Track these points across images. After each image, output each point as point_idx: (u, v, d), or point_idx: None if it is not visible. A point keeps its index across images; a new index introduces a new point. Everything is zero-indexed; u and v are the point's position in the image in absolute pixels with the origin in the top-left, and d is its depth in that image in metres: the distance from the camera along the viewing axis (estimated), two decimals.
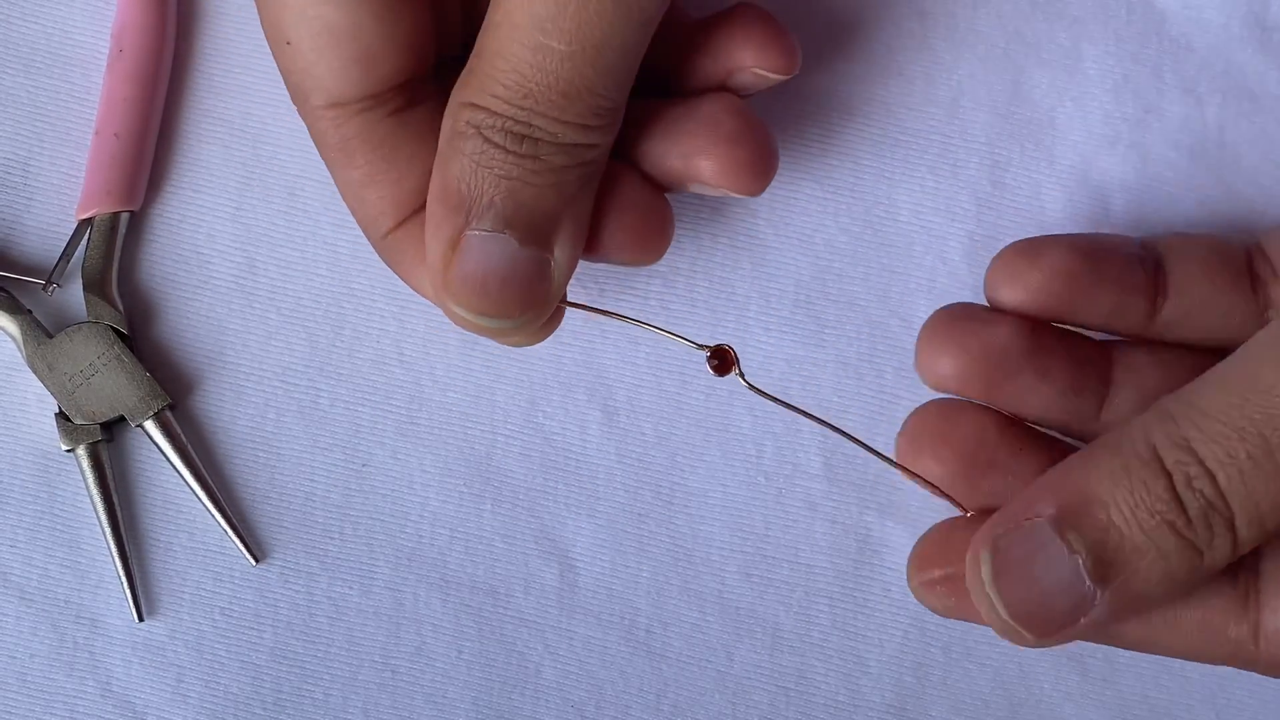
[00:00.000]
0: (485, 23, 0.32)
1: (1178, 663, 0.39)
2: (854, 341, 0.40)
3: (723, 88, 0.36)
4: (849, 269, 0.40)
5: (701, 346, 0.35)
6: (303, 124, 0.41)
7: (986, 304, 0.35)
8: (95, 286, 0.39)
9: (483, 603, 0.39)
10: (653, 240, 0.35)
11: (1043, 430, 0.35)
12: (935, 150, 0.40)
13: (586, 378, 0.39)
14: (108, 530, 0.38)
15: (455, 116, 0.32)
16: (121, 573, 0.38)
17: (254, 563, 0.39)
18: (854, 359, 0.40)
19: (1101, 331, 0.35)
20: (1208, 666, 0.39)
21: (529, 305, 0.33)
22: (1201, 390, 0.30)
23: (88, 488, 0.38)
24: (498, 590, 0.39)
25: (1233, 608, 0.32)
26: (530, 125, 0.31)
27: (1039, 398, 0.34)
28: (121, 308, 0.39)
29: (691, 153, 0.35)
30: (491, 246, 0.32)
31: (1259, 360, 0.30)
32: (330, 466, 0.39)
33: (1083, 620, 0.30)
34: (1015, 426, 0.35)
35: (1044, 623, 0.31)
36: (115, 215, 0.39)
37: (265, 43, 0.41)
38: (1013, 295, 0.34)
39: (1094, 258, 0.34)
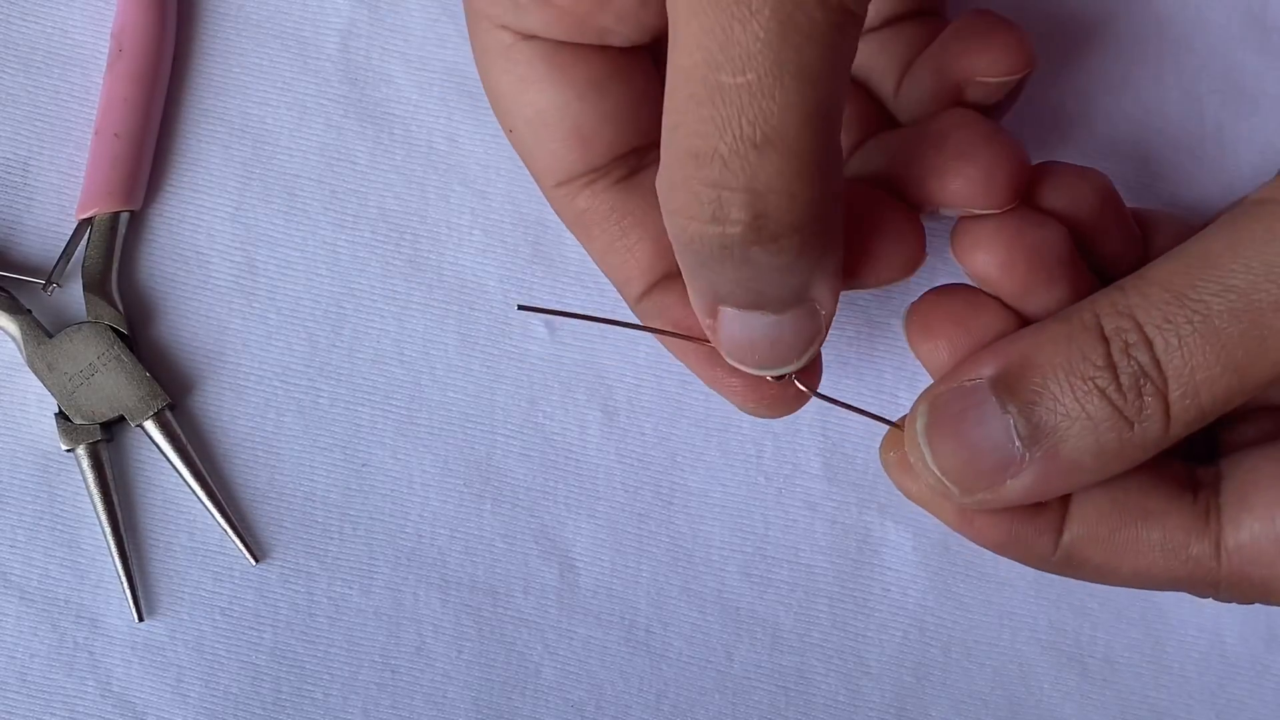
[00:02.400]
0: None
1: (1178, 663, 0.39)
2: (853, 341, 0.40)
3: (960, 103, 0.34)
4: None
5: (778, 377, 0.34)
6: (303, 123, 0.41)
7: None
8: (95, 286, 0.39)
9: (482, 602, 0.39)
10: (913, 261, 0.33)
11: None
12: None
13: (586, 378, 0.39)
14: (108, 530, 0.38)
15: (663, 210, 0.29)
16: (121, 572, 0.38)
17: (254, 562, 0.39)
18: (854, 359, 0.40)
19: None
20: (1208, 666, 0.39)
21: (808, 350, 0.31)
22: (1155, 264, 0.30)
23: (88, 488, 0.38)
24: (498, 590, 0.39)
25: (1193, 524, 0.31)
26: (763, 216, 0.28)
27: None
28: (121, 308, 0.39)
29: (932, 175, 0.32)
30: (749, 320, 0.30)
31: (1211, 236, 0.29)
32: (330, 466, 0.39)
33: (1010, 481, 0.30)
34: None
35: (970, 478, 0.30)
36: (115, 215, 0.39)
37: (265, 42, 0.41)
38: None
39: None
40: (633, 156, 0.34)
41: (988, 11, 0.34)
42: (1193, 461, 0.32)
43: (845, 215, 0.30)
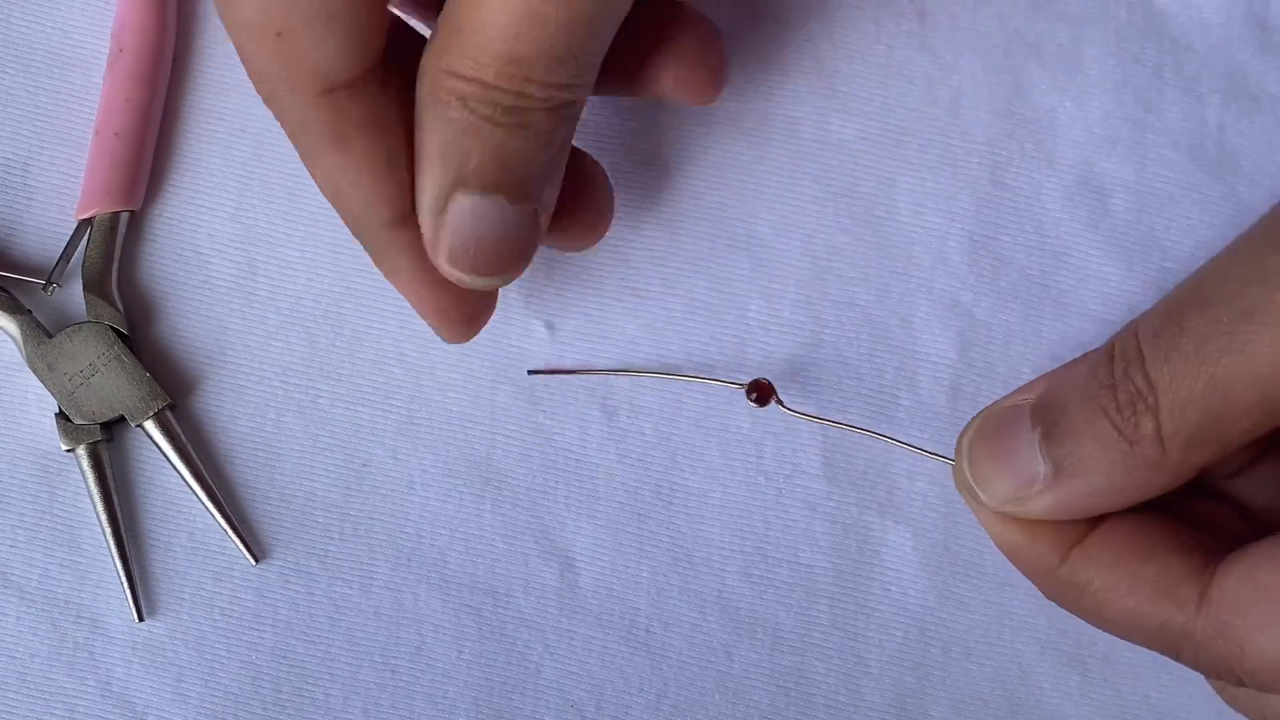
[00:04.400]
0: None
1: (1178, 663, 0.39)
2: (854, 342, 0.40)
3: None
4: (849, 269, 0.40)
5: (739, 384, 0.37)
6: None
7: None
8: (95, 286, 0.39)
9: (483, 603, 0.39)
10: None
11: None
12: (935, 150, 0.40)
13: (587, 378, 0.39)
14: (108, 530, 0.38)
15: (436, 84, 0.31)
16: (121, 572, 0.38)
17: (254, 562, 0.39)
18: (854, 359, 0.40)
19: None
20: None
21: (524, 259, 0.33)
22: (1174, 289, 0.31)
23: (88, 488, 0.38)
24: (498, 590, 0.39)
25: (1189, 572, 0.31)
26: (520, 95, 0.31)
27: None
28: (121, 308, 0.39)
29: (648, 69, 0.35)
30: (483, 210, 0.32)
31: (1210, 260, 0.31)
32: (330, 466, 0.39)
33: (1034, 498, 0.32)
34: None
35: (998, 490, 0.32)
36: (115, 215, 0.39)
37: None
38: None
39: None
40: (383, 67, 0.33)
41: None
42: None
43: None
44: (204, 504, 0.38)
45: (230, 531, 0.38)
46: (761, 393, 0.38)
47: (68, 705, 0.38)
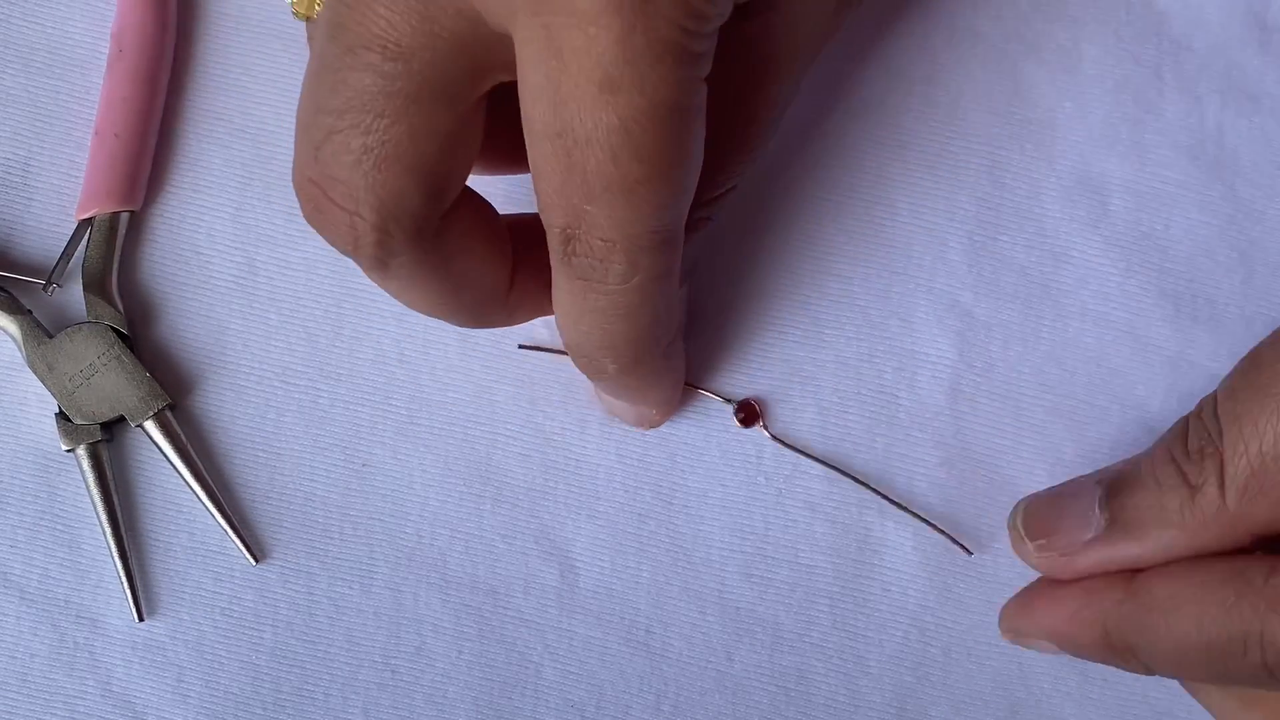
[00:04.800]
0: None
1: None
2: (853, 341, 0.40)
3: None
4: (848, 269, 0.40)
5: (728, 400, 0.38)
6: None
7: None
8: (95, 286, 0.39)
9: (483, 603, 0.39)
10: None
11: None
12: (935, 150, 0.40)
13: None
14: (108, 530, 0.38)
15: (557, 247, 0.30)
16: (121, 572, 0.38)
17: (254, 562, 0.39)
18: (853, 359, 0.40)
19: None
20: None
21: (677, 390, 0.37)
22: None
23: (88, 488, 0.38)
24: (498, 590, 0.39)
25: (1248, 565, 0.31)
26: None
27: None
28: (121, 308, 0.39)
29: None
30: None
31: None
32: (330, 466, 0.39)
33: (1084, 548, 0.33)
34: None
35: (1049, 539, 0.34)
36: (115, 215, 0.39)
37: (265, 42, 0.41)
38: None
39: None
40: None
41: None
42: None
43: None
44: (204, 504, 0.38)
45: (230, 531, 0.38)
46: (748, 414, 0.38)
47: (68, 705, 0.38)
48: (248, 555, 0.38)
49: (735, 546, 0.39)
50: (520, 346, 0.39)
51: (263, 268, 0.40)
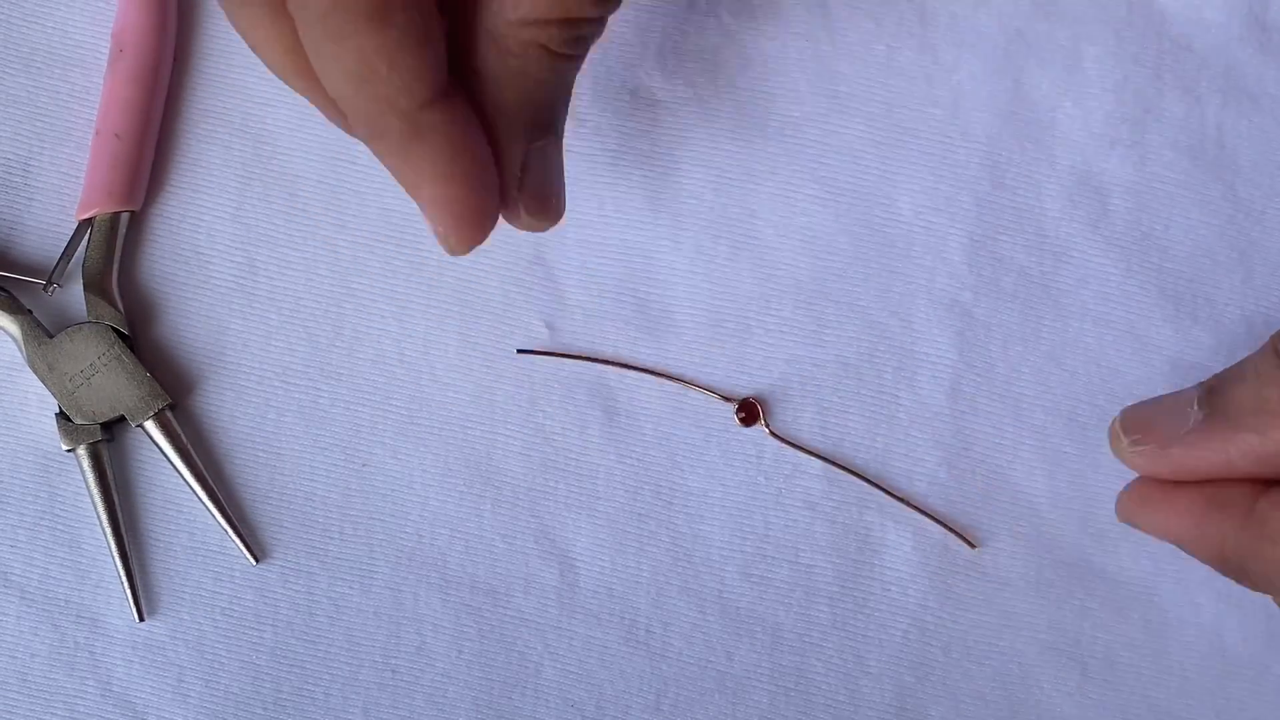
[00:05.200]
0: None
1: (1178, 663, 0.39)
2: (854, 341, 0.40)
3: None
4: (849, 269, 0.40)
5: (729, 399, 0.38)
6: (304, 123, 0.41)
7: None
8: (95, 286, 0.39)
9: (483, 602, 0.39)
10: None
11: None
12: (935, 150, 0.40)
13: (587, 377, 0.39)
14: (108, 530, 0.38)
15: (510, 36, 0.32)
16: (122, 572, 0.38)
17: (254, 562, 0.39)
18: (854, 358, 0.40)
19: None
20: (1208, 666, 0.39)
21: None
22: None
23: (88, 487, 0.38)
24: (498, 590, 0.39)
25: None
26: (580, 24, 0.32)
27: None
28: (122, 308, 0.39)
29: None
30: (553, 153, 0.34)
31: None
32: (330, 466, 0.39)
33: (1180, 434, 0.34)
34: None
35: (1149, 433, 0.34)
36: (115, 215, 0.39)
37: None
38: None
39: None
40: None
41: None
42: None
43: None
44: (204, 504, 0.38)
45: (230, 531, 0.38)
46: (750, 413, 0.38)
47: (68, 705, 0.38)
48: (248, 555, 0.38)
49: (735, 546, 0.39)
50: (519, 351, 0.39)
51: (263, 268, 0.40)
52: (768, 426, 0.38)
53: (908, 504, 0.38)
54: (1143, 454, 0.35)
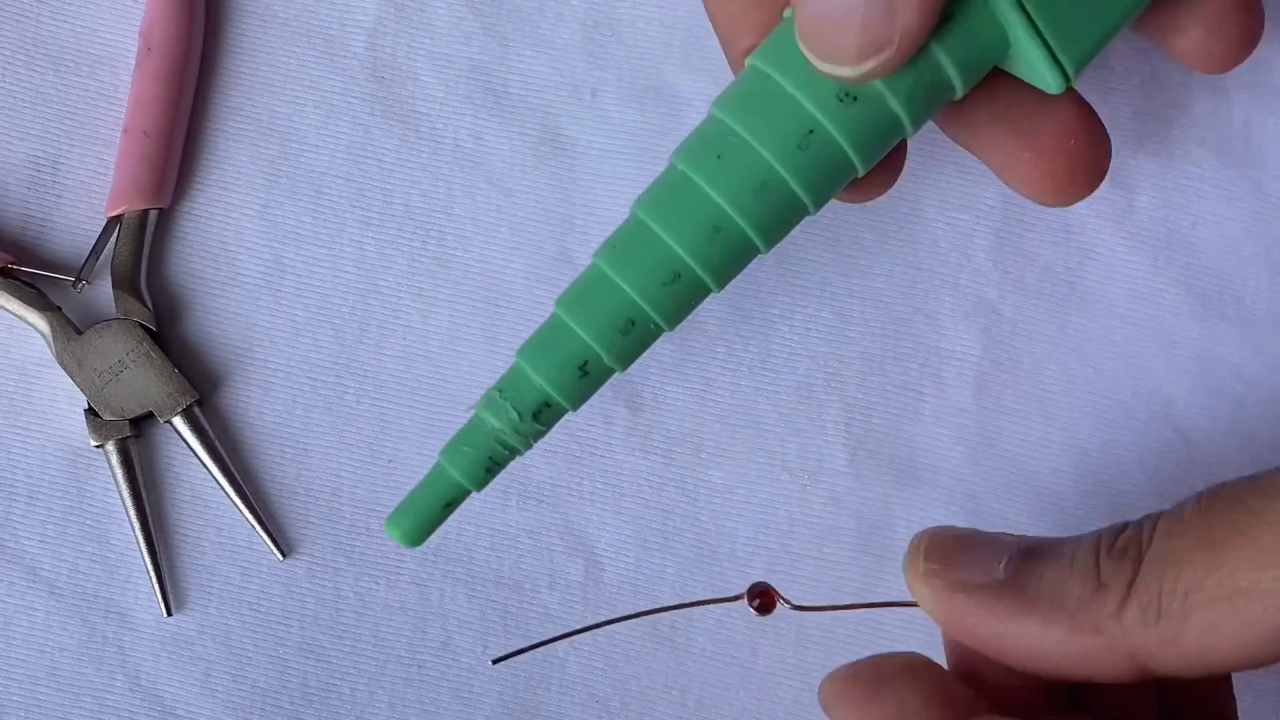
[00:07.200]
0: None
1: None
2: (878, 338, 0.40)
3: None
4: (874, 265, 0.40)
5: (738, 597, 0.34)
6: (330, 121, 0.41)
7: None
8: (124, 283, 0.39)
9: (508, 598, 0.39)
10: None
11: None
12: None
13: None
14: (136, 526, 0.38)
15: None
16: (150, 568, 0.38)
17: (281, 558, 0.39)
18: (879, 355, 0.40)
19: None
20: None
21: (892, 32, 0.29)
22: None
23: (116, 483, 0.38)
24: (523, 585, 0.39)
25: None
26: None
27: None
28: (150, 304, 0.39)
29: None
30: None
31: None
32: (357, 462, 0.39)
33: (980, 583, 0.30)
34: None
35: (947, 570, 0.31)
36: (144, 213, 0.39)
37: (292, 41, 0.41)
38: None
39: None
40: None
41: None
42: None
43: None
44: (232, 499, 0.39)
45: (258, 527, 0.39)
46: (765, 599, 0.35)
47: (96, 699, 0.38)
48: (275, 550, 0.39)
49: (760, 542, 0.39)
50: (495, 661, 0.37)
51: (290, 265, 0.40)
52: (789, 603, 0.34)
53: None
54: (930, 587, 0.31)
